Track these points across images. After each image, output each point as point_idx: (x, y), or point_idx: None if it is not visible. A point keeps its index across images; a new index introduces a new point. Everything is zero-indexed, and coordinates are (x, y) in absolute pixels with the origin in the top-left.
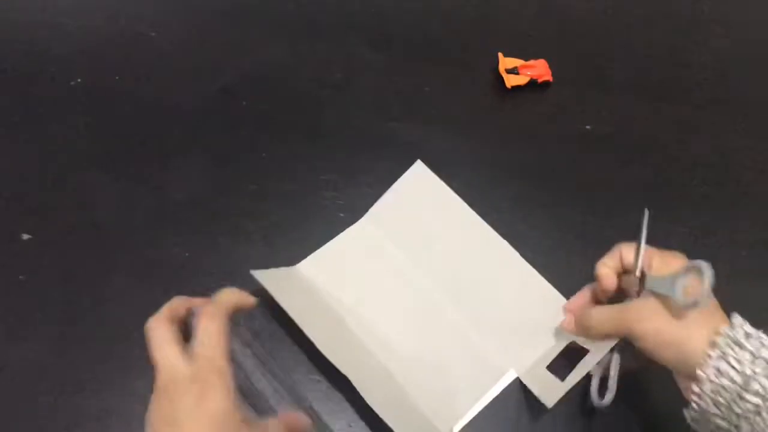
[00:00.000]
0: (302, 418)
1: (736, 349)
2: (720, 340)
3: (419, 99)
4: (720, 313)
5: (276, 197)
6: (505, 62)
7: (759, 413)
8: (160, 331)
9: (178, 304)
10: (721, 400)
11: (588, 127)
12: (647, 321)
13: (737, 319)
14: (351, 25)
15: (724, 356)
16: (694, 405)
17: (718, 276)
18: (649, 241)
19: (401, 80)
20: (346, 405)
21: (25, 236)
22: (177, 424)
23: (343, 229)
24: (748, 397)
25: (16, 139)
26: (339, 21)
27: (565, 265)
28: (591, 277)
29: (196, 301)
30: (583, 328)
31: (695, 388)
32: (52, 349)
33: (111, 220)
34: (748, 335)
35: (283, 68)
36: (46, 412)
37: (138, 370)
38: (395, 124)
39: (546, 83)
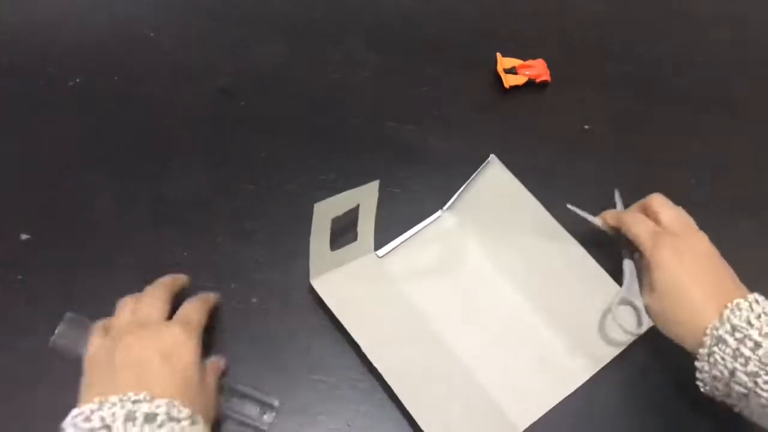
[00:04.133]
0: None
1: (721, 346)
2: (706, 340)
3: (418, 99)
4: (724, 292)
5: (275, 197)
6: (504, 62)
7: (747, 396)
8: (158, 286)
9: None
10: (717, 385)
11: (586, 126)
12: (668, 260)
13: (727, 309)
14: (350, 25)
15: (710, 354)
16: (700, 384)
17: None
18: None
19: (400, 80)
20: (346, 405)
21: (25, 236)
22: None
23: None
24: (734, 386)
25: (15, 139)
26: (338, 21)
27: None
28: None
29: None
30: (620, 221)
31: (697, 374)
32: (51, 349)
33: (111, 220)
34: (734, 329)
35: (282, 68)
36: (46, 412)
37: None
38: (394, 124)
39: (544, 83)
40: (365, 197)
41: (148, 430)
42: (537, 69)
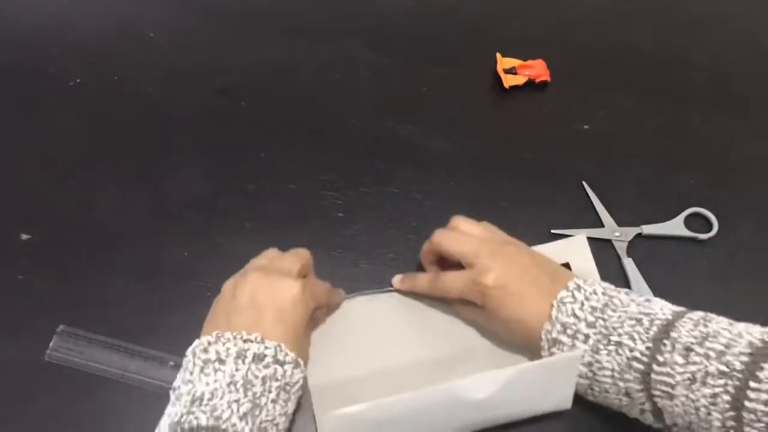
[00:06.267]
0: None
1: (558, 346)
2: (543, 344)
3: (417, 99)
4: (549, 290)
5: (275, 197)
6: (503, 62)
7: (591, 387)
8: (301, 251)
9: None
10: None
11: (586, 126)
12: (493, 271)
13: (554, 308)
14: (350, 25)
15: (553, 344)
16: None
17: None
18: None
19: (399, 80)
20: None
21: (25, 236)
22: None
23: (342, 229)
24: (579, 380)
25: (15, 139)
26: (338, 21)
27: None
28: None
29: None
30: (439, 291)
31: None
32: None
33: (111, 220)
34: (564, 327)
35: (282, 68)
36: (46, 411)
37: None
38: (393, 124)
39: (544, 83)
40: (575, 253)
41: (255, 368)
42: (537, 69)
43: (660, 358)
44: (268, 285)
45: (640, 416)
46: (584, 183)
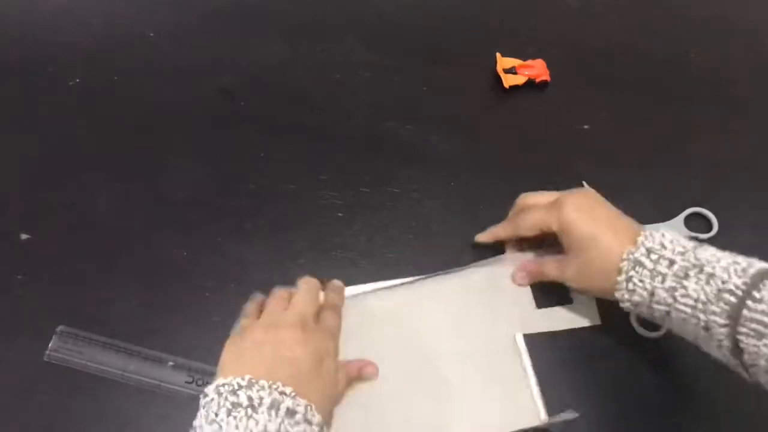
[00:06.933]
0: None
1: (638, 269)
2: (624, 265)
3: (417, 99)
4: (632, 230)
5: (275, 197)
6: (503, 62)
7: (669, 314)
8: (311, 284)
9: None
10: (641, 309)
11: (586, 126)
12: (573, 198)
13: (641, 236)
14: (349, 25)
15: (628, 279)
16: (625, 308)
17: None
18: None
19: (399, 80)
20: None
21: (24, 236)
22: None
23: (342, 229)
24: (656, 306)
25: (15, 139)
26: (337, 21)
27: None
28: None
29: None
30: (520, 227)
31: (621, 305)
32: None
33: (111, 220)
34: (649, 251)
35: (281, 68)
36: (45, 411)
37: None
38: (393, 124)
39: (544, 83)
40: None
41: (287, 422)
42: (537, 69)
43: (757, 295)
44: (301, 340)
45: (716, 351)
46: (584, 183)
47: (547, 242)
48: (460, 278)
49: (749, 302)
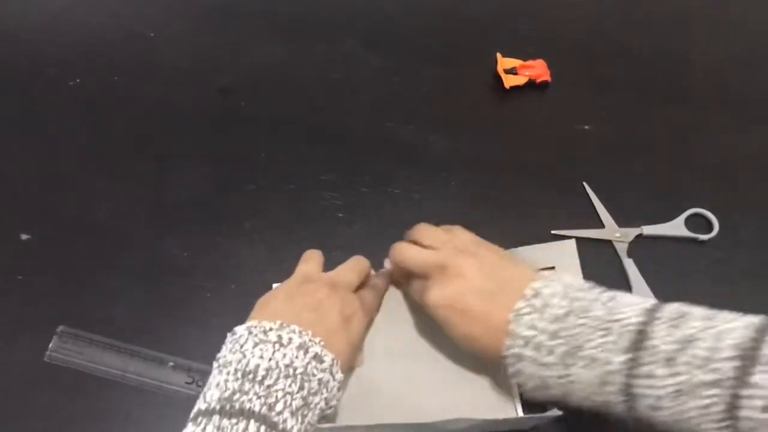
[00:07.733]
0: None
1: (523, 363)
2: (508, 360)
3: (417, 99)
4: (506, 310)
5: (275, 197)
6: (504, 62)
7: (564, 395)
8: (359, 261)
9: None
10: (537, 394)
11: (586, 127)
12: (436, 288)
13: (512, 324)
14: (349, 25)
15: (516, 374)
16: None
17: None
18: None
19: (399, 80)
20: None
21: (25, 236)
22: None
23: (342, 229)
24: (550, 391)
25: (15, 139)
26: (337, 21)
27: None
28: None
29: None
30: (399, 260)
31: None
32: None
33: (111, 220)
34: (526, 341)
35: (281, 68)
36: (46, 412)
37: None
38: (393, 124)
39: (544, 83)
40: (562, 257)
41: (314, 365)
42: (537, 69)
43: (639, 372)
44: (334, 297)
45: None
46: (585, 183)
47: None
48: None
49: (634, 381)
